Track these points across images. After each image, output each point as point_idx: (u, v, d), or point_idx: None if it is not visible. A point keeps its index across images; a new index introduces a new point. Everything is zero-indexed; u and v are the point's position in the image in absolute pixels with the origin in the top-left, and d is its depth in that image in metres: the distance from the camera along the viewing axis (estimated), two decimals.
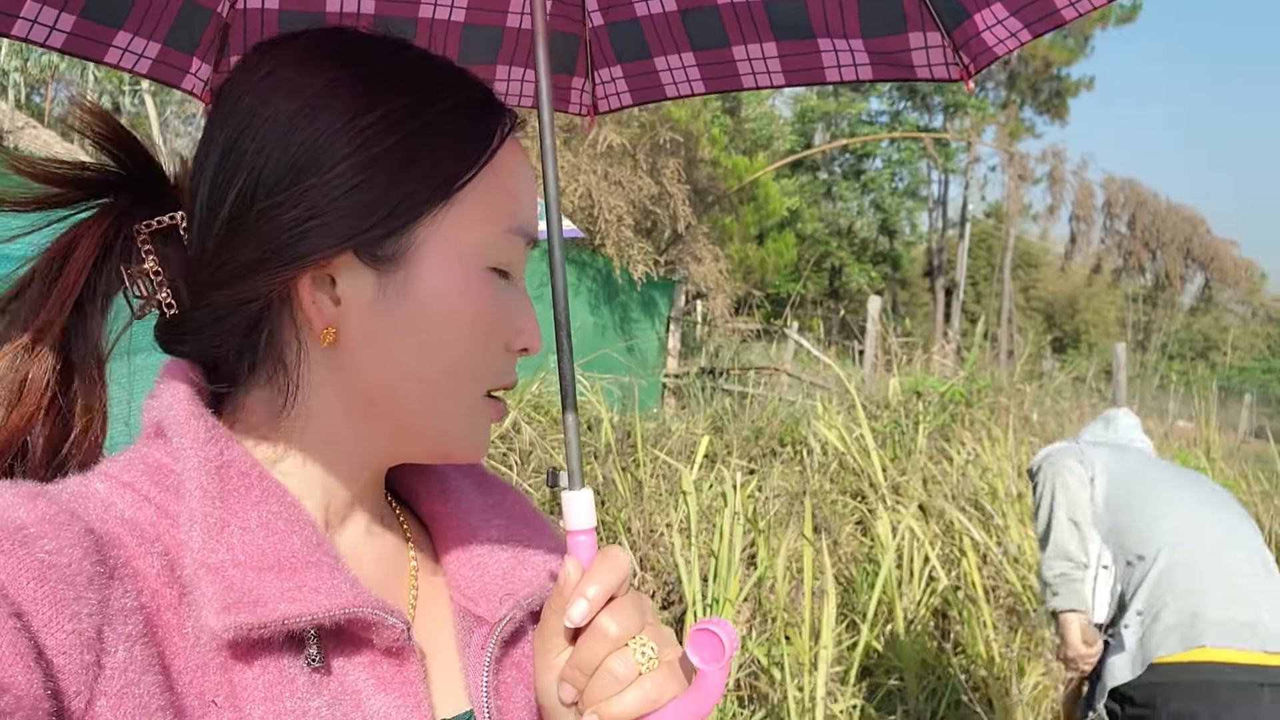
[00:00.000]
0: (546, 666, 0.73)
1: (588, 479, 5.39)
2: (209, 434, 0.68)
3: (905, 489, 6.06)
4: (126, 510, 0.65)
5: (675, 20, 1.26)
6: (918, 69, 1.21)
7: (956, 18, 1.14)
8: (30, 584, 0.55)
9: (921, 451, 6.68)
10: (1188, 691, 2.68)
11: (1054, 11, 1.05)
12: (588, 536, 0.74)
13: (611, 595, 0.71)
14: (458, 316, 0.71)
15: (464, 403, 0.74)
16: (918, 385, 7.58)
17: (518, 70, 1.33)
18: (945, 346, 10.87)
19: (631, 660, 0.68)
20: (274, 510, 0.68)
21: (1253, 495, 8.08)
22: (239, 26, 1.21)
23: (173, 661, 0.61)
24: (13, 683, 0.51)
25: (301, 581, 0.65)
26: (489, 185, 0.72)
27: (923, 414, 7.25)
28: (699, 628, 0.69)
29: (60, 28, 1.03)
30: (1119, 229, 22.83)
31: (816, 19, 1.19)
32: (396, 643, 0.69)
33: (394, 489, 0.87)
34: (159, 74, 1.16)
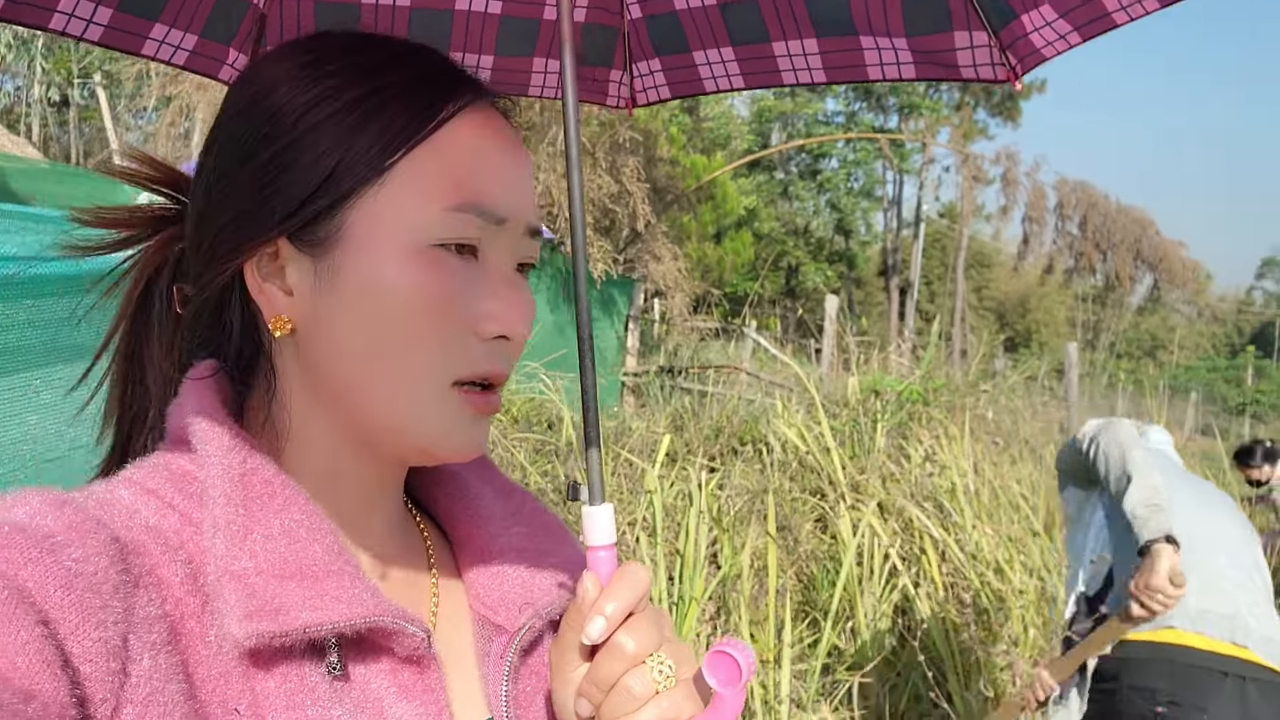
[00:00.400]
0: (564, 681, 0.72)
1: (548, 478, 5.37)
2: (232, 441, 0.69)
3: (865, 487, 6.11)
4: (151, 518, 0.65)
5: (714, 14, 1.24)
6: (963, 69, 1.19)
7: (1004, 17, 1.12)
8: (58, 592, 0.55)
9: (880, 450, 6.73)
10: (1150, 667, 2.77)
11: (1105, 15, 1.04)
12: (607, 552, 0.73)
13: (630, 612, 0.70)
14: (395, 297, 0.67)
15: (424, 392, 0.69)
16: (876, 384, 7.64)
17: (554, 63, 1.31)
18: (901, 346, 10.97)
19: (649, 678, 0.67)
20: (295, 518, 0.68)
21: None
22: (275, 17, 1.20)
23: (196, 669, 0.61)
24: (39, 689, 0.51)
25: (323, 590, 0.65)
26: (429, 162, 0.69)
27: (881, 413, 7.31)
28: (716, 650, 0.68)
29: (97, 21, 1.03)
30: (1070, 230, 23.21)
31: (859, 15, 1.17)
32: (417, 651, 0.69)
33: (413, 495, 0.87)
34: (196, 65, 1.16)
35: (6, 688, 0.50)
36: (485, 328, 0.70)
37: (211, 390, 0.72)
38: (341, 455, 0.73)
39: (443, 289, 0.68)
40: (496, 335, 0.70)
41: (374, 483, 0.76)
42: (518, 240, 0.73)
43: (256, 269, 0.71)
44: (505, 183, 0.72)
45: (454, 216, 0.69)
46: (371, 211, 0.69)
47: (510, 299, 0.71)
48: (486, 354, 0.71)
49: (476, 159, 0.71)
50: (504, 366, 0.72)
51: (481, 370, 0.70)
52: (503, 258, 0.73)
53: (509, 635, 0.78)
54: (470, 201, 0.69)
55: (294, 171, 0.69)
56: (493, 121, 0.74)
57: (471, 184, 0.70)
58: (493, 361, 0.71)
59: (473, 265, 0.71)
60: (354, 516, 0.75)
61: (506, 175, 0.73)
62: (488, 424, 0.73)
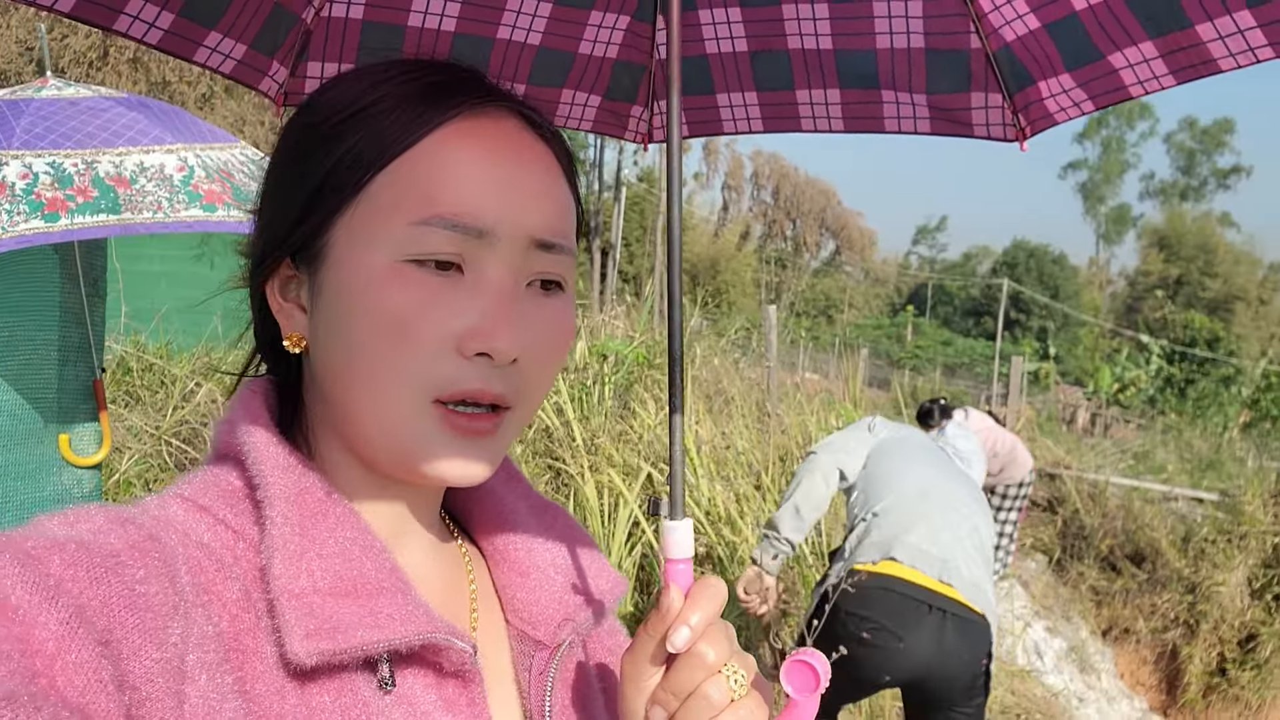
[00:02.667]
0: (637, 689, 0.72)
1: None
2: (286, 460, 0.70)
3: (601, 449, 6.28)
4: (204, 535, 0.66)
5: (744, 60, 1.28)
6: (975, 128, 1.25)
7: (1021, 82, 1.19)
8: (122, 612, 0.56)
9: (609, 414, 6.94)
10: (867, 596, 3.23)
11: (1121, 87, 1.12)
12: (686, 565, 0.74)
13: (710, 623, 0.72)
14: (366, 313, 0.68)
15: (400, 409, 0.68)
16: (603, 348, 7.84)
17: (582, 95, 1.33)
18: (616, 308, 11.29)
19: (726, 687, 0.69)
20: (349, 536, 0.69)
21: None
22: (320, 34, 1.21)
23: (252, 686, 0.62)
24: (95, 710, 0.52)
25: (378, 607, 0.67)
26: (403, 175, 0.69)
27: (607, 375, 7.52)
28: (795, 659, 0.72)
29: (159, 25, 1.05)
30: (765, 199, 24.76)
31: (884, 71, 1.22)
32: (464, 666, 0.71)
33: (449, 510, 0.87)
34: (240, 75, 1.17)
35: (64, 706, 0.50)
36: (466, 345, 0.68)
37: (262, 406, 0.73)
38: (358, 472, 0.74)
39: (414, 305, 0.67)
40: (478, 353, 0.68)
41: (408, 499, 0.76)
42: (517, 254, 0.71)
43: (277, 288, 0.74)
44: (488, 193, 0.70)
45: (420, 231, 0.68)
46: (350, 228, 0.70)
47: (493, 315, 0.68)
48: (469, 372, 0.69)
49: (455, 170, 0.70)
50: (495, 386, 0.69)
51: (463, 389, 0.68)
52: (497, 272, 0.70)
53: (549, 650, 0.80)
54: (437, 215, 0.68)
55: (291, 191, 0.73)
56: (489, 130, 0.72)
57: (442, 196, 0.69)
58: (478, 380, 0.69)
59: (458, 281, 0.69)
60: (395, 532, 0.76)
61: (491, 185, 0.70)
62: (484, 446, 0.71)
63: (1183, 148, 76.23)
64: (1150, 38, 1.08)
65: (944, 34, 1.21)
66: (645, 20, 1.31)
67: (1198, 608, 8.87)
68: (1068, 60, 1.16)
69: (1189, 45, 1.06)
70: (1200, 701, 8.68)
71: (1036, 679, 6.79)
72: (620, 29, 1.30)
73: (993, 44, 1.20)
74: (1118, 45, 1.11)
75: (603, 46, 1.29)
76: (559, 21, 1.26)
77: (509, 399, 0.71)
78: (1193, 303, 53.50)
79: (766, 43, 1.27)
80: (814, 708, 0.72)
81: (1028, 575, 9.02)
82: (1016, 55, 1.19)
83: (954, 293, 58.08)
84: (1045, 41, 1.16)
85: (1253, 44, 1.02)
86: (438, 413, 0.69)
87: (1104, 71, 1.14)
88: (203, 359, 6.33)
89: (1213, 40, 1.04)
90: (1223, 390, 27.80)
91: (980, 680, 3.27)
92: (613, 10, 1.27)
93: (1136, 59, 1.11)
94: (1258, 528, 8.94)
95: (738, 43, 1.28)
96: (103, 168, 2.17)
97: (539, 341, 0.72)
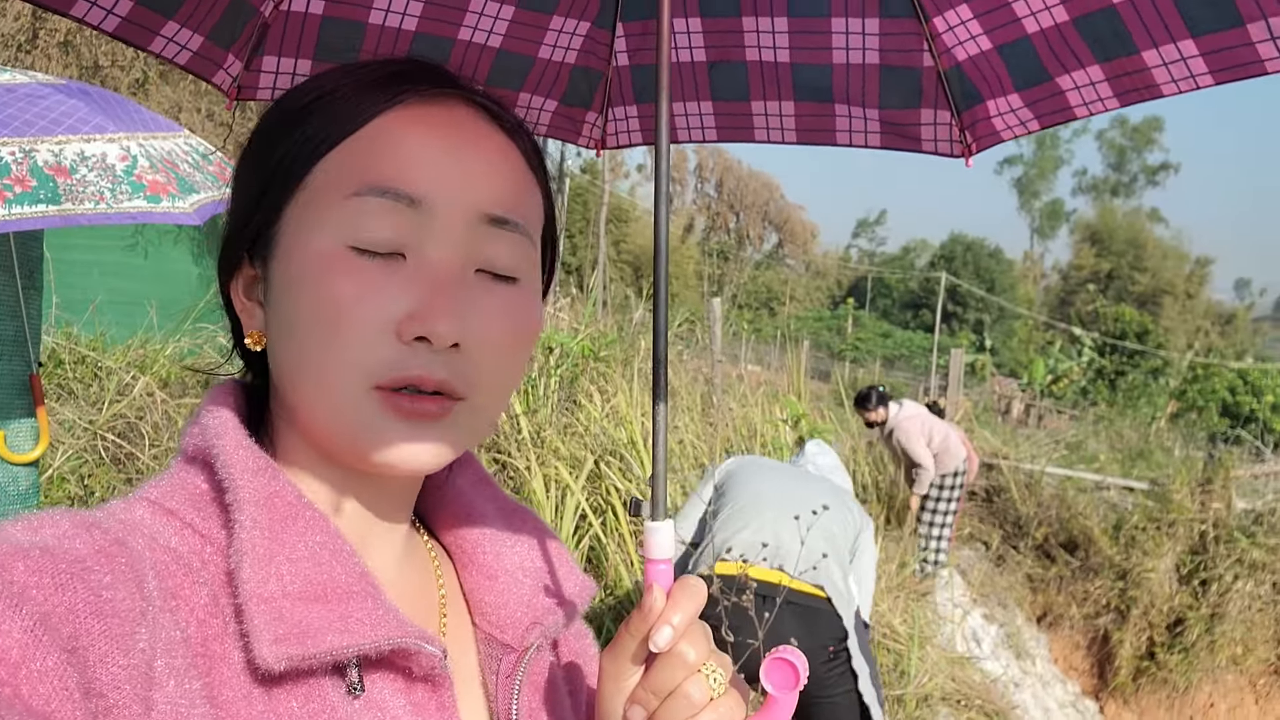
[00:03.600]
0: (617, 689, 0.72)
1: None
2: (255, 463, 0.69)
3: (548, 443, 6.27)
4: (172, 539, 0.65)
5: (701, 71, 1.30)
6: (924, 143, 1.28)
7: (970, 100, 1.22)
8: (88, 619, 0.55)
9: (554, 406, 6.92)
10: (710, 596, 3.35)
11: (1066, 108, 1.15)
12: (667, 565, 0.75)
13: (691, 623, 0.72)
14: (306, 299, 0.68)
15: (343, 397, 0.67)
16: (549, 340, 7.81)
17: (539, 99, 1.34)
18: (560, 301, 11.25)
19: (705, 686, 0.70)
20: (319, 540, 0.68)
21: (831, 424, 9.30)
22: (279, 28, 1.19)
23: (220, 692, 0.61)
24: (60, 719, 0.51)
25: (347, 612, 0.66)
26: (343, 160, 0.69)
27: (553, 368, 7.50)
28: (775, 657, 0.73)
29: (117, 12, 1.04)
30: (708, 192, 24.83)
31: (839, 86, 1.25)
32: (434, 670, 0.70)
33: (420, 514, 0.86)
34: (195, 66, 1.16)
35: (29, 714, 0.49)
36: (404, 329, 0.67)
37: (231, 408, 0.72)
38: (322, 470, 0.73)
39: (352, 290, 0.67)
40: (417, 337, 0.67)
41: (378, 500, 0.75)
42: (459, 230, 0.70)
43: (241, 287, 0.75)
44: (426, 164, 0.69)
45: (354, 204, 0.68)
46: (295, 216, 0.70)
47: (431, 299, 0.67)
48: (408, 358, 0.67)
49: (394, 146, 0.69)
50: (438, 373, 0.68)
51: (402, 374, 0.67)
52: (439, 253, 0.69)
53: (517, 654, 0.79)
54: (368, 183, 0.68)
55: (248, 183, 0.73)
56: (438, 115, 0.72)
57: (377, 169, 0.69)
58: (418, 366, 0.67)
59: (399, 266, 0.68)
60: (364, 535, 0.75)
61: (431, 158, 0.69)
62: (432, 431, 0.69)
63: (1114, 145, 77.98)
64: (1098, 61, 1.12)
65: (898, 51, 1.24)
66: (605, 27, 1.32)
67: (1128, 593, 9.12)
68: (1017, 81, 1.19)
69: (1134, 70, 1.09)
70: (1130, 685, 8.93)
71: (975, 665, 6.92)
72: (580, 35, 1.30)
73: (944, 63, 1.23)
74: (1066, 68, 1.14)
75: (562, 51, 1.30)
76: (520, 25, 1.27)
77: (458, 388, 0.69)
78: (1123, 296, 54.85)
79: (725, 54, 1.29)
80: (793, 704, 0.73)
81: (966, 564, 9.20)
82: (967, 74, 1.23)
83: (893, 286, 58.82)
84: (996, 62, 1.19)
85: (1194, 71, 1.05)
86: (379, 397, 0.67)
87: (1051, 93, 1.17)
88: (138, 351, 6.18)
89: (1157, 66, 1.07)
90: (1151, 382, 28.56)
91: (835, 668, 3.33)
92: (574, 16, 1.28)
93: (1083, 81, 1.14)
94: (1185, 515, 9.21)
95: (696, 53, 1.30)
96: (41, 156, 2.11)
97: (488, 328, 0.70)
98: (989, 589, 9.08)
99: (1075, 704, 8.57)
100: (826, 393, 15.08)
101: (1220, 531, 9.04)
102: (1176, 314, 56.97)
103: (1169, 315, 54.99)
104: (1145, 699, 8.89)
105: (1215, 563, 8.88)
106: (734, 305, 27.47)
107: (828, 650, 3.30)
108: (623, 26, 1.32)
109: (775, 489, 3.67)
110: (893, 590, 6.79)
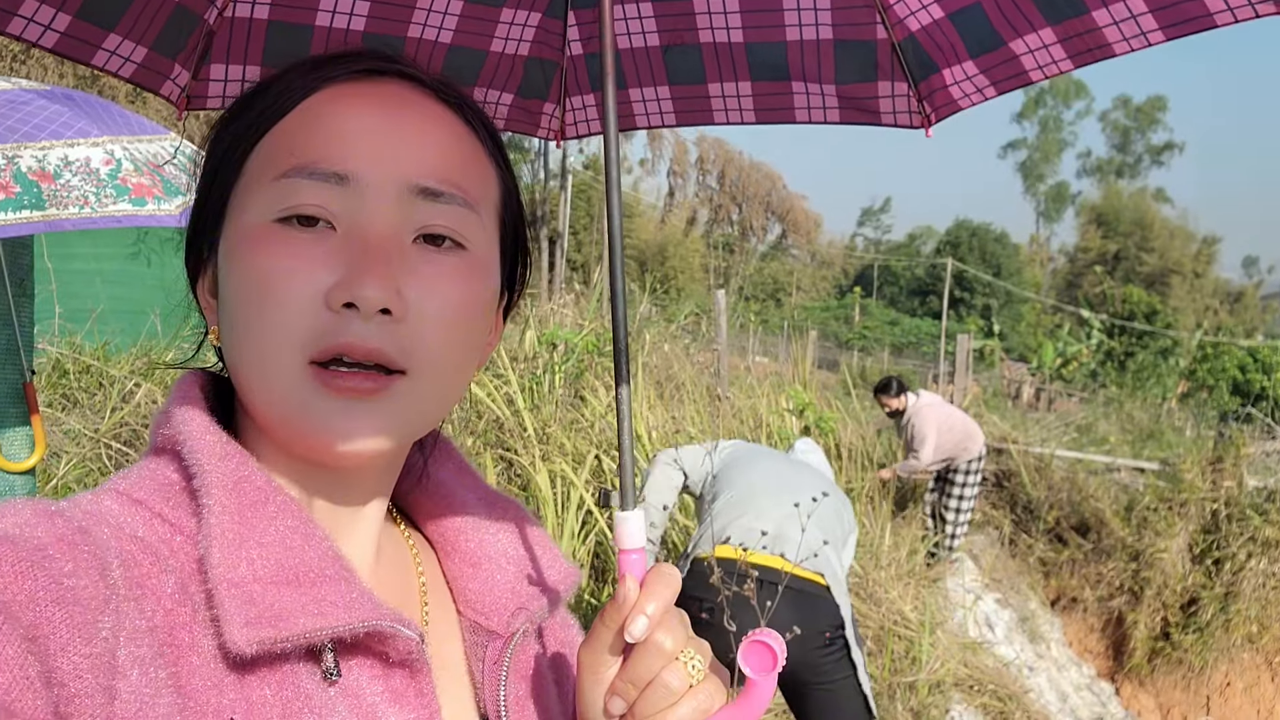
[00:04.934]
0: (596, 680, 0.71)
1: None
2: (223, 449, 0.68)
3: (552, 438, 6.26)
4: (139, 528, 0.64)
5: (656, 55, 1.30)
6: (883, 115, 1.29)
7: (925, 70, 1.23)
8: (49, 607, 0.54)
9: (559, 402, 6.92)
10: (700, 578, 3.36)
11: (1022, 73, 1.16)
12: (639, 555, 0.74)
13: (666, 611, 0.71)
14: (237, 278, 0.67)
15: (279, 376, 0.65)
16: (553, 337, 7.80)
17: (494, 93, 1.34)
18: (565, 296, 11.24)
19: (684, 673, 0.69)
20: (289, 524, 0.67)
21: (838, 412, 9.29)
22: (224, 35, 1.19)
23: (188, 681, 0.60)
24: (20, 708, 0.51)
25: (320, 595, 0.65)
26: (274, 143, 0.69)
27: (557, 365, 7.49)
28: (753, 640, 0.73)
29: (55, 27, 1.03)
30: (710, 184, 24.82)
31: (794, 63, 1.25)
32: (411, 655, 0.69)
33: (397, 504, 0.86)
34: (141, 78, 1.15)
35: None
36: (332, 297, 0.65)
37: (198, 396, 0.71)
38: (283, 461, 0.72)
39: (279, 262, 0.66)
40: (345, 304, 0.65)
41: (346, 490, 0.74)
42: (390, 202, 0.68)
43: (206, 285, 0.74)
44: (352, 140, 0.68)
45: (282, 184, 0.68)
46: (234, 206, 0.70)
47: (358, 263, 0.65)
48: (337, 326, 0.65)
49: (322, 123, 0.69)
50: (370, 341, 0.65)
51: (332, 343, 0.65)
52: (369, 222, 0.67)
53: (503, 640, 0.79)
54: (294, 165, 0.68)
55: (201, 179, 0.74)
56: (370, 90, 0.71)
57: (305, 149, 0.68)
58: (347, 334, 0.65)
59: (328, 237, 0.67)
60: (337, 524, 0.74)
61: (357, 133, 0.68)
62: (370, 410, 0.66)
63: (1118, 125, 77.71)
64: (1049, 24, 1.12)
65: (851, 25, 1.24)
66: (556, 17, 1.31)
67: (1141, 575, 9.09)
68: (971, 48, 1.19)
69: (1085, 30, 1.10)
70: (1146, 666, 8.89)
71: (988, 650, 6.90)
72: (532, 26, 1.30)
73: (898, 34, 1.23)
74: (1018, 32, 1.14)
75: (514, 44, 1.30)
76: (470, 19, 1.26)
77: (395, 359, 0.66)
78: (1130, 277, 54.65)
79: (678, 36, 1.28)
80: (772, 687, 0.72)
81: (978, 549, 9.17)
82: (921, 44, 1.23)
83: (899, 273, 58.73)
84: (949, 30, 1.19)
85: (1145, 28, 1.06)
86: (313, 373, 0.65)
87: (1005, 58, 1.18)
88: (141, 359, 6.19)
89: (1108, 25, 1.08)
90: (1161, 362, 28.47)
91: (832, 654, 3.32)
92: (524, 7, 1.28)
93: (1036, 45, 1.15)
94: (1197, 495, 9.17)
95: (649, 37, 1.30)
96: (25, 162, 2.10)
97: (425, 296, 0.67)
98: (1001, 574, 9.06)
99: (1091, 686, 8.54)
100: (835, 382, 15.05)
101: (1233, 510, 8.99)
102: (1185, 293, 56.78)
103: (1177, 295, 54.81)
104: (1161, 680, 8.86)
105: (1228, 541, 8.83)
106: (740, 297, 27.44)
107: (824, 636, 3.30)
108: (574, 15, 1.31)
109: (774, 476, 3.67)
110: (903, 577, 6.78)
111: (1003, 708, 5.96)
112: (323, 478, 0.73)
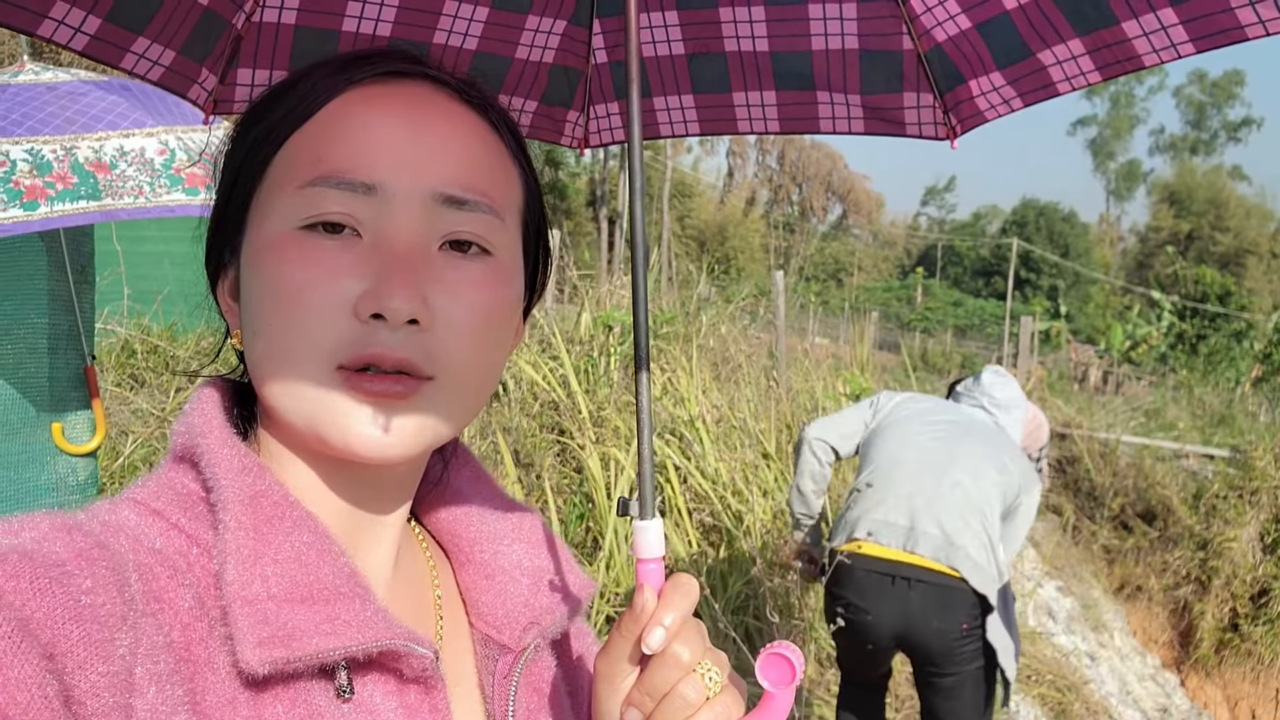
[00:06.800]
0: (612, 690, 0.71)
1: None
2: (242, 463, 0.67)
3: (606, 421, 6.27)
4: (157, 540, 0.64)
5: (681, 64, 1.29)
6: (908, 126, 1.27)
7: (952, 81, 1.21)
8: (67, 625, 0.54)
9: (615, 384, 6.92)
10: (840, 575, 3.39)
11: (1050, 84, 1.14)
12: (657, 564, 0.73)
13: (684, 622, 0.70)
14: (263, 286, 0.67)
15: (308, 380, 0.66)
16: (608, 319, 7.80)
17: (518, 100, 1.33)
18: (623, 277, 11.23)
19: (701, 685, 0.68)
20: (306, 540, 0.67)
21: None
22: (252, 40, 1.19)
23: (203, 697, 0.60)
24: None
25: (334, 614, 0.65)
26: (299, 146, 0.69)
27: (613, 347, 7.49)
28: (771, 652, 0.71)
29: (85, 30, 1.03)
30: (770, 164, 24.63)
31: (819, 72, 1.24)
32: (425, 672, 0.69)
33: (415, 513, 0.85)
34: (169, 82, 1.16)
35: None
36: (361, 307, 0.65)
37: (217, 406, 0.71)
38: (305, 464, 0.71)
39: (307, 271, 0.66)
40: (374, 315, 0.65)
41: (368, 498, 0.73)
42: (416, 211, 0.68)
43: (227, 288, 0.74)
44: (379, 149, 0.68)
45: (308, 193, 0.67)
46: (257, 211, 0.70)
47: (386, 275, 0.65)
48: (367, 336, 0.65)
49: (347, 129, 0.69)
50: (399, 351, 0.65)
51: (361, 353, 0.65)
52: (395, 230, 0.67)
53: (514, 654, 0.78)
54: (321, 175, 0.67)
55: (220, 190, 0.74)
56: (394, 94, 0.71)
57: (330, 156, 0.68)
58: (377, 344, 0.65)
59: (355, 244, 0.67)
60: (356, 535, 0.73)
61: (384, 141, 0.68)
62: (398, 413, 0.67)
63: (1192, 101, 75.46)
64: (1078, 35, 1.10)
65: (877, 35, 1.22)
66: (581, 25, 1.30)
67: (1209, 564, 8.86)
68: (998, 59, 1.17)
69: (1115, 42, 1.08)
70: (1213, 657, 8.68)
71: (1046, 640, 6.80)
72: (557, 33, 1.29)
73: (924, 45, 1.22)
74: (1047, 43, 1.13)
75: (539, 51, 1.29)
76: (496, 26, 1.26)
77: (422, 366, 0.66)
78: (1204, 257, 53.13)
79: (703, 45, 1.27)
80: (789, 700, 0.71)
81: (1038, 535, 9.02)
82: (948, 55, 1.21)
83: (963, 253, 57.77)
84: (976, 41, 1.17)
85: (1175, 40, 1.04)
86: (342, 377, 0.65)
87: (1033, 69, 1.16)
88: (206, 340, 6.32)
89: (1137, 37, 1.06)
90: (1234, 345, 27.66)
91: (964, 646, 3.27)
92: (549, 15, 1.27)
93: (1064, 56, 1.13)
94: (1269, 483, 8.91)
95: (674, 45, 1.29)
96: (81, 153, 2.14)
97: (451, 304, 0.68)
98: (1062, 561, 8.90)
99: (1155, 677, 8.37)
100: (895, 364, 14.87)
101: None
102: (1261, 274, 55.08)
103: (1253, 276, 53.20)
104: (1229, 671, 8.65)
105: None
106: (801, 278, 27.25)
107: (961, 629, 3.26)
108: (599, 23, 1.31)
109: (919, 455, 3.47)
110: None
111: (1061, 698, 5.87)
112: (346, 483, 0.72)
